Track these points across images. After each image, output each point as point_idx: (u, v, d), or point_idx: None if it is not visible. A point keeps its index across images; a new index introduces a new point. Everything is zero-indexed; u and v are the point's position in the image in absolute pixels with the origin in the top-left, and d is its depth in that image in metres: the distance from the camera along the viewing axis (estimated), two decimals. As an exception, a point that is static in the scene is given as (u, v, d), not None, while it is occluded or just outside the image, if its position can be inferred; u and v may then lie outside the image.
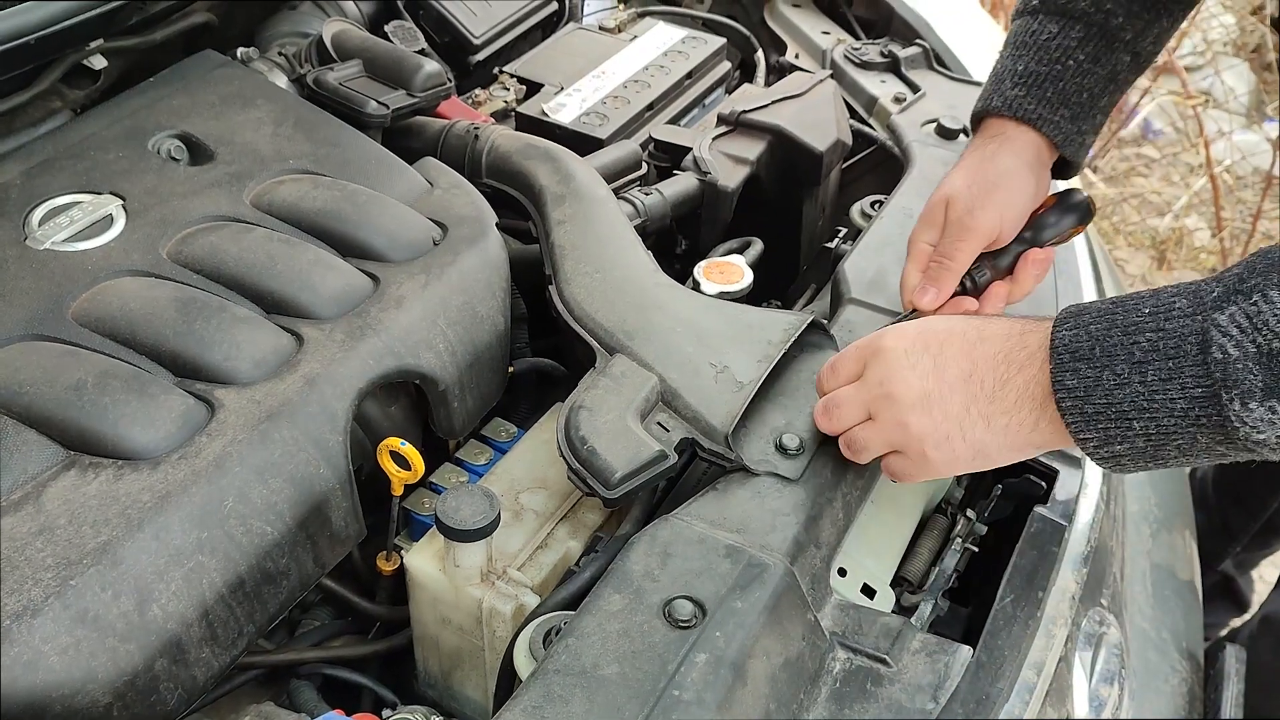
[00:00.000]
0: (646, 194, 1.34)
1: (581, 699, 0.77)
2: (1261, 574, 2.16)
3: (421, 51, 1.50)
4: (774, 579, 0.87)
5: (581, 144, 1.41)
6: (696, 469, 1.05)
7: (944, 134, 1.48)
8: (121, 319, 0.99)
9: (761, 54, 1.79)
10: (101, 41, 1.28)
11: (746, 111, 1.47)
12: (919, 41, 1.70)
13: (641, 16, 1.79)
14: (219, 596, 0.88)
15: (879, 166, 1.60)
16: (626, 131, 1.49)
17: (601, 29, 1.74)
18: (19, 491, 0.86)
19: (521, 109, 1.51)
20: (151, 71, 1.30)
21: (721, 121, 1.49)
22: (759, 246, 1.38)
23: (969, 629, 1.07)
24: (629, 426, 0.97)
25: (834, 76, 1.61)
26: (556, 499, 1.05)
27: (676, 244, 1.44)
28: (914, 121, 1.53)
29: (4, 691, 0.77)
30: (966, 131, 1.46)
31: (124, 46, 1.32)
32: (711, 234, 1.42)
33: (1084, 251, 1.41)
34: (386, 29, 1.51)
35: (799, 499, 0.95)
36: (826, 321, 1.14)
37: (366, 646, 1.08)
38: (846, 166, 1.59)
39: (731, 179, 1.40)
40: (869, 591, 1.00)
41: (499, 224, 1.20)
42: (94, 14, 1.21)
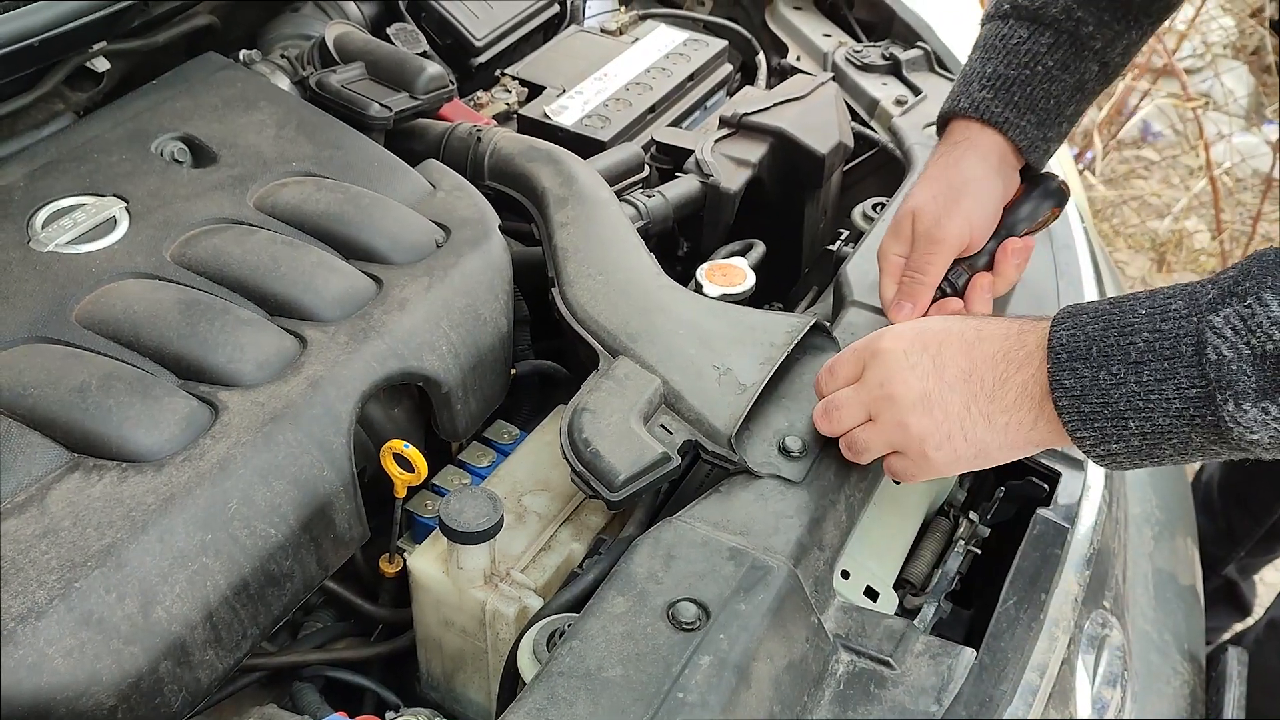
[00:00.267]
0: (649, 196, 1.34)
1: (586, 701, 0.77)
2: (1264, 579, 2.16)
3: (423, 54, 1.50)
4: (777, 581, 0.87)
5: (583, 146, 1.41)
6: (699, 471, 1.05)
7: (945, 136, 1.48)
8: (125, 321, 0.99)
9: (763, 56, 1.80)
10: (104, 44, 1.28)
11: (748, 114, 1.47)
12: (920, 44, 1.70)
13: (643, 19, 1.79)
14: (223, 599, 0.88)
15: (881, 169, 1.60)
16: (628, 134, 1.49)
17: (603, 31, 1.74)
18: (23, 494, 0.86)
19: (523, 111, 1.52)
20: (154, 74, 1.30)
21: (723, 124, 1.49)
22: (761, 249, 1.38)
23: (972, 631, 1.07)
24: (632, 429, 0.97)
25: (835, 79, 1.61)
26: (559, 501, 1.05)
27: (679, 246, 1.44)
28: (915, 124, 1.53)
29: (8, 694, 0.77)
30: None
31: (127, 49, 1.32)
32: (713, 236, 1.42)
33: (1085, 252, 1.41)
34: (388, 31, 1.51)
35: (802, 501, 0.95)
36: (829, 324, 1.14)
37: (369, 649, 1.08)
38: (848, 169, 1.59)
39: (733, 181, 1.40)
40: (872, 594, 1.00)
41: (502, 226, 1.20)
42: (97, 16, 1.21)
